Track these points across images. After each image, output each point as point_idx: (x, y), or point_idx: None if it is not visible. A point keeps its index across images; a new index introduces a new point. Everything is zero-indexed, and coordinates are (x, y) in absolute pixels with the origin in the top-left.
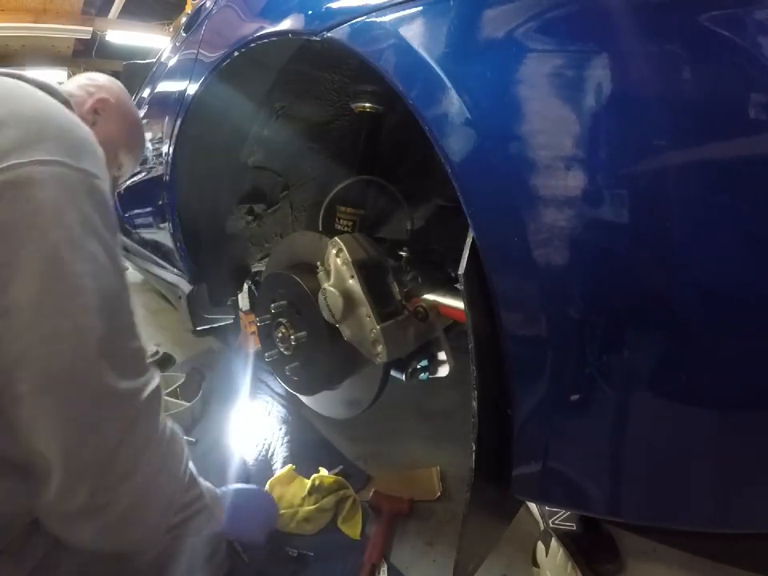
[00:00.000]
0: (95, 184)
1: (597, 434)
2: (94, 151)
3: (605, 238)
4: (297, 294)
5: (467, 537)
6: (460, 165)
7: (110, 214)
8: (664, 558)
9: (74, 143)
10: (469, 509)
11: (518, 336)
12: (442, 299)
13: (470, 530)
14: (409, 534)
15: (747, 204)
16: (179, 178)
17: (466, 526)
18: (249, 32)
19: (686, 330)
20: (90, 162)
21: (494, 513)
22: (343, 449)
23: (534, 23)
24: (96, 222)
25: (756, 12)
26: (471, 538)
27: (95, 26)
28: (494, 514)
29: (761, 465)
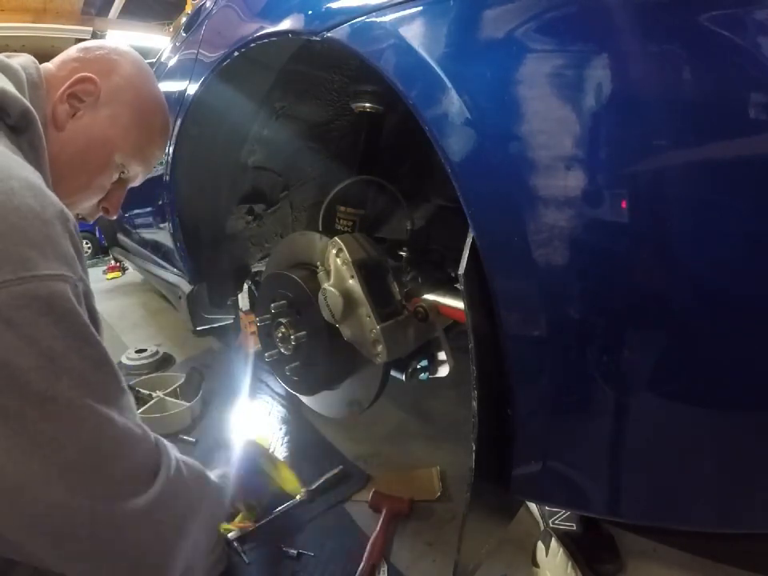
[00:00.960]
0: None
1: (597, 434)
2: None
3: (605, 238)
4: (297, 294)
5: (467, 537)
6: (460, 165)
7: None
8: (664, 558)
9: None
10: (469, 509)
11: (518, 336)
12: (442, 299)
13: (469, 530)
14: (409, 534)
15: (747, 204)
16: (179, 178)
17: (466, 526)
18: (249, 32)
19: (686, 330)
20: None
21: (494, 513)
22: (343, 449)
23: (533, 23)
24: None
25: (756, 12)
26: (471, 538)
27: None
28: (493, 514)
29: (761, 465)
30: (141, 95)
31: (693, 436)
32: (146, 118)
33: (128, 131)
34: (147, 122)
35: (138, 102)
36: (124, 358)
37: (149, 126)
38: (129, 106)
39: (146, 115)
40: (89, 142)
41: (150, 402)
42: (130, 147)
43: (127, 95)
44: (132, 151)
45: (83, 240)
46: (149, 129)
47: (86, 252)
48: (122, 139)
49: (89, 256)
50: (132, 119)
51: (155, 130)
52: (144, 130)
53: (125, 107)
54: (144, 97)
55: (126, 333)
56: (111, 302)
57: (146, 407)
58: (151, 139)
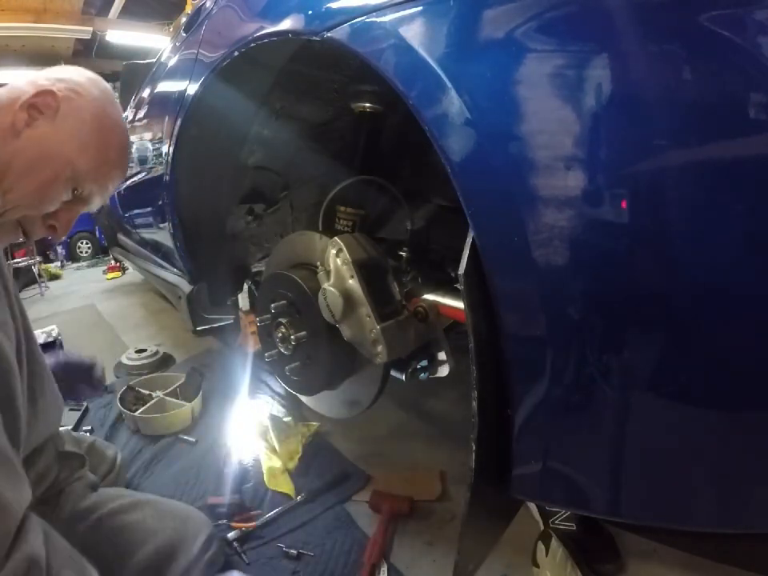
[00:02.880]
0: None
1: (597, 434)
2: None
3: (605, 238)
4: (297, 294)
5: (467, 537)
6: (460, 165)
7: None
8: (664, 558)
9: None
10: (469, 509)
11: (518, 336)
12: (441, 299)
13: (469, 529)
14: (409, 534)
15: (747, 204)
16: (179, 178)
17: (466, 526)
18: (249, 32)
19: (686, 330)
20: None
21: (494, 513)
22: (343, 449)
23: (533, 23)
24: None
25: (756, 12)
26: (471, 537)
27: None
28: (493, 514)
29: (761, 465)
30: (100, 116)
31: (693, 436)
32: (103, 138)
33: (84, 147)
34: (105, 141)
35: (96, 122)
36: (124, 358)
37: (106, 145)
38: (87, 123)
39: (103, 134)
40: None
41: (150, 402)
42: (85, 164)
43: (86, 114)
44: (86, 168)
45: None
46: (105, 148)
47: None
48: (76, 154)
49: (89, 256)
50: (89, 136)
51: (112, 150)
52: (101, 149)
53: (83, 124)
54: (103, 117)
55: (126, 333)
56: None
57: (145, 407)
58: (107, 159)
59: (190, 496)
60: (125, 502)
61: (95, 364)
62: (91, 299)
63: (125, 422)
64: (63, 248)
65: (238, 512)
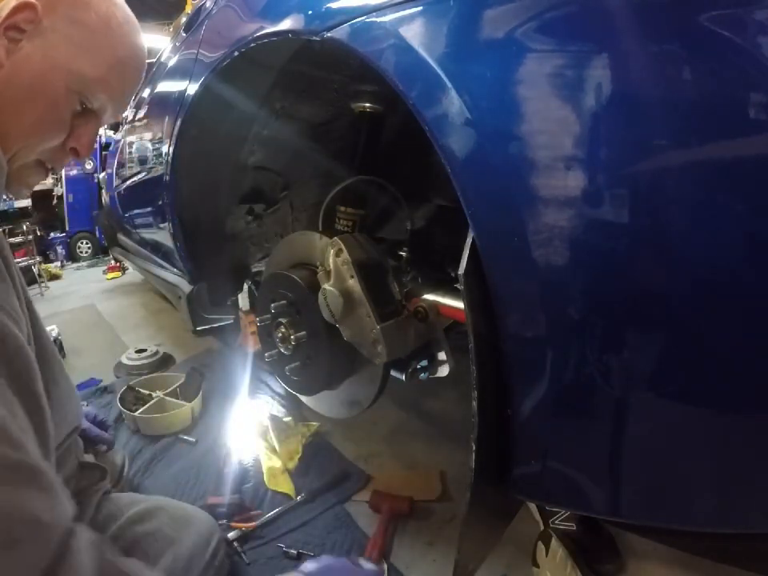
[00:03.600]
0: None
1: (597, 434)
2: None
3: (605, 238)
4: (297, 294)
5: (467, 537)
6: (460, 165)
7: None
8: (664, 558)
9: None
10: (469, 509)
11: (518, 336)
12: (441, 299)
13: (469, 530)
14: (409, 533)
15: (747, 204)
16: (179, 178)
17: (466, 526)
18: (249, 32)
19: (686, 330)
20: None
21: (494, 513)
22: (343, 449)
23: (533, 23)
24: None
25: (756, 12)
26: (471, 538)
27: None
28: (493, 514)
29: (761, 465)
30: (98, 9)
31: (693, 436)
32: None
33: (83, 51)
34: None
35: (94, 18)
36: (124, 358)
37: (111, 43)
38: (81, 24)
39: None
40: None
41: (150, 402)
42: (88, 70)
43: (77, 12)
44: (91, 75)
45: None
46: (111, 47)
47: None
48: (73, 61)
49: (89, 256)
50: (86, 37)
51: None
52: (104, 48)
53: (75, 26)
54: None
55: (126, 333)
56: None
57: (145, 407)
58: (116, 59)
59: (190, 496)
60: (140, 509)
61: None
62: (91, 299)
63: (125, 422)
64: (63, 248)
65: (238, 512)
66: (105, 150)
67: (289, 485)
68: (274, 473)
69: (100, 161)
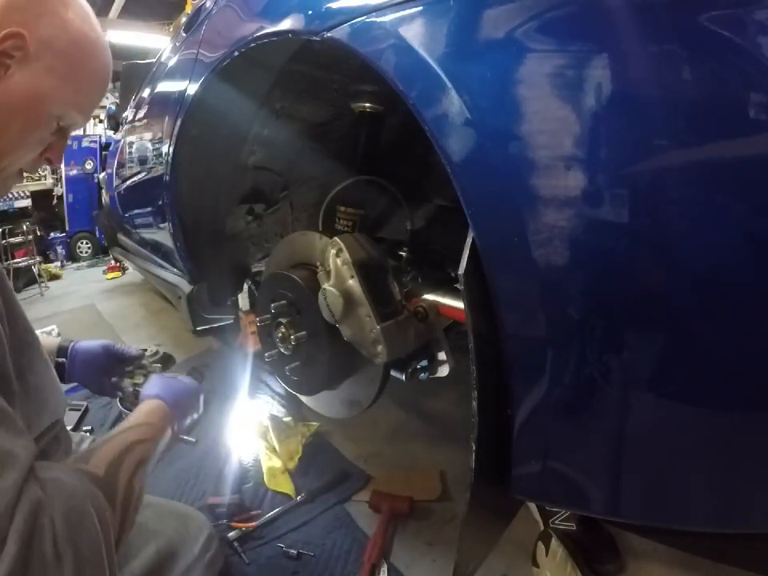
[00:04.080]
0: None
1: (596, 434)
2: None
3: (605, 238)
4: (297, 294)
5: (467, 537)
6: (460, 165)
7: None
8: (664, 558)
9: None
10: (469, 509)
11: (518, 336)
12: (441, 299)
13: (469, 530)
14: (409, 533)
15: (747, 204)
16: (179, 178)
17: (466, 526)
18: (249, 32)
19: (686, 330)
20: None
21: (494, 513)
22: (343, 449)
23: (533, 23)
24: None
25: (756, 12)
26: (471, 538)
27: None
28: (493, 514)
29: (761, 465)
30: (76, 41)
31: (693, 436)
32: (83, 66)
33: (65, 82)
34: (85, 69)
35: (74, 49)
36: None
37: (87, 73)
38: (64, 54)
39: (83, 62)
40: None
41: None
42: (68, 98)
43: (61, 43)
44: (71, 101)
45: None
46: (87, 77)
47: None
48: (58, 91)
49: (89, 256)
50: (68, 69)
51: (94, 76)
52: (82, 79)
53: (59, 57)
54: (80, 42)
55: (127, 333)
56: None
57: None
58: (91, 87)
59: (190, 496)
60: None
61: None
62: (91, 299)
63: None
64: (63, 248)
65: (238, 512)
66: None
67: (289, 485)
68: (274, 473)
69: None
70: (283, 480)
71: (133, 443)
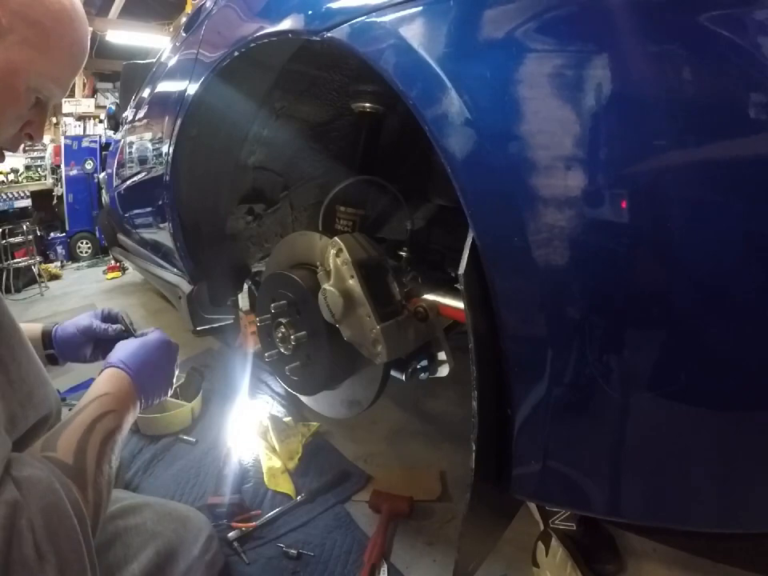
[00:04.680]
0: None
1: (596, 434)
2: None
3: (605, 238)
4: (297, 294)
5: (467, 537)
6: (460, 165)
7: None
8: (664, 558)
9: None
10: (469, 509)
11: (518, 336)
12: (442, 299)
13: (470, 530)
14: (409, 534)
15: (747, 204)
16: (179, 178)
17: (466, 526)
18: (249, 32)
19: (686, 330)
20: None
21: (494, 513)
22: (343, 449)
23: (533, 23)
24: None
25: (756, 12)
26: (471, 538)
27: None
28: (493, 514)
29: (760, 465)
30: (50, 11)
31: (693, 436)
32: (59, 36)
33: (40, 53)
34: (61, 39)
35: (47, 20)
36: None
37: (63, 43)
38: (37, 25)
39: (58, 32)
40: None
41: None
42: (45, 70)
43: (34, 13)
44: (47, 73)
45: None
46: (63, 47)
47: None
48: (33, 63)
49: (89, 256)
50: (43, 39)
51: (71, 46)
52: (58, 49)
53: (32, 28)
54: (55, 11)
55: None
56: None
57: None
58: (68, 58)
59: (190, 496)
60: (124, 505)
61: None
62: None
63: None
64: (63, 248)
65: (238, 512)
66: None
67: (289, 485)
68: (274, 473)
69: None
70: (283, 480)
71: (93, 421)
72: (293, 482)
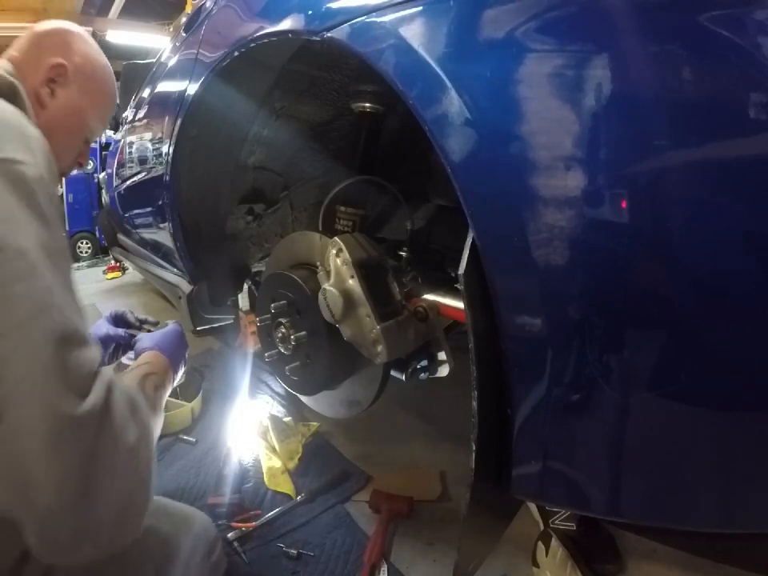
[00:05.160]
0: (14, 171)
1: (596, 434)
2: (21, 133)
3: (605, 238)
4: (297, 294)
5: (467, 537)
6: (460, 165)
7: (36, 201)
8: (664, 558)
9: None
10: (469, 509)
11: (518, 336)
12: (442, 299)
13: (470, 530)
14: (409, 534)
15: (746, 204)
16: (179, 178)
17: (466, 526)
18: (249, 32)
19: (686, 330)
20: (12, 147)
21: (494, 513)
22: (343, 449)
23: (533, 23)
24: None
25: (756, 12)
26: (471, 538)
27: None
28: (493, 514)
29: (760, 465)
30: (97, 66)
31: (693, 436)
32: (102, 82)
33: (92, 98)
34: (103, 85)
35: (96, 73)
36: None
37: (105, 88)
38: (91, 77)
39: (101, 79)
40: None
41: None
42: (96, 111)
43: (87, 68)
44: (97, 114)
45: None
46: (106, 93)
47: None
48: (91, 106)
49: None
50: (94, 88)
51: (110, 92)
52: (102, 93)
53: (88, 79)
54: (99, 67)
55: None
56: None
57: None
58: (109, 101)
59: (190, 496)
60: None
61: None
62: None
63: None
64: None
65: (237, 512)
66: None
67: (289, 485)
68: (274, 473)
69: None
70: (283, 480)
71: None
72: (293, 482)
